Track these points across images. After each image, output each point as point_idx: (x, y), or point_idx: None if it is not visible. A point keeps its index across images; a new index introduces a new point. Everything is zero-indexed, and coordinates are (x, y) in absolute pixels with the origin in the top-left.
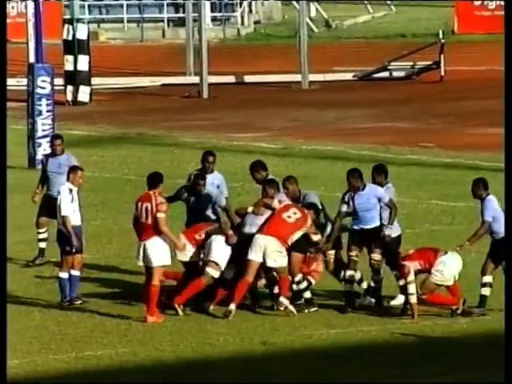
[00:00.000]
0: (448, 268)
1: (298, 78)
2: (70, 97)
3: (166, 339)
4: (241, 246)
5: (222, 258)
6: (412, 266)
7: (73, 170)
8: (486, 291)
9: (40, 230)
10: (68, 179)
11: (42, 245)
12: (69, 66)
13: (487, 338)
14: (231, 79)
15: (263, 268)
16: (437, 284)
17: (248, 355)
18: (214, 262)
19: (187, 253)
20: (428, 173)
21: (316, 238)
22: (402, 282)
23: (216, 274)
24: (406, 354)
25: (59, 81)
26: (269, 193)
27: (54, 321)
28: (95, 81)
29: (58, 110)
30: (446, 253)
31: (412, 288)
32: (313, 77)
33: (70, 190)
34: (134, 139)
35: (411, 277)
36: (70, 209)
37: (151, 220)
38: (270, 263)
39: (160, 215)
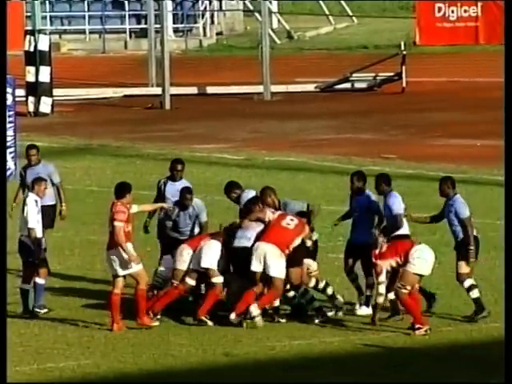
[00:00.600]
0: (425, 257)
1: (260, 89)
2: (31, 108)
3: (128, 351)
4: (234, 260)
5: (214, 263)
6: (385, 265)
7: (36, 181)
8: (474, 294)
9: None
10: (32, 190)
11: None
12: (30, 77)
13: (450, 349)
14: (193, 90)
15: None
16: (416, 274)
17: (211, 367)
18: (195, 270)
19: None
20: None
21: (310, 243)
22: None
23: (193, 282)
24: (368, 364)
25: (21, 92)
26: (258, 207)
27: (15, 333)
28: (57, 92)
29: (20, 121)
30: (420, 243)
31: (381, 288)
32: (275, 88)
33: (36, 202)
34: (96, 150)
35: (382, 277)
36: (36, 220)
37: (111, 229)
38: (270, 272)
39: (116, 224)
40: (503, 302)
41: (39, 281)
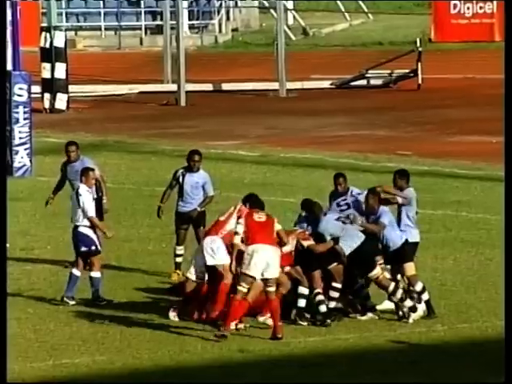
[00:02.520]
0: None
1: (275, 85)
2: (47, 104)
3: (143, 347)
4: None
5: None
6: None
7: (84, 172)
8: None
9: None
10: (81, 181)
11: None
12: (46, 74)
13: (465, 347)
14: (209, 87)
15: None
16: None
17: (226, 363)
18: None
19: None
20: None
21: (306, 243)
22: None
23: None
24: (383, 361)
25: (36, 88)
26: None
27: (30, 329)
28: (72, 88)
29: (36, 118)
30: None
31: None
32: (290, 85)
33: (88, 191)
34: (111, 147)
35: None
36: (93, 209)
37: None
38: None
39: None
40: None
41: (95, 274)
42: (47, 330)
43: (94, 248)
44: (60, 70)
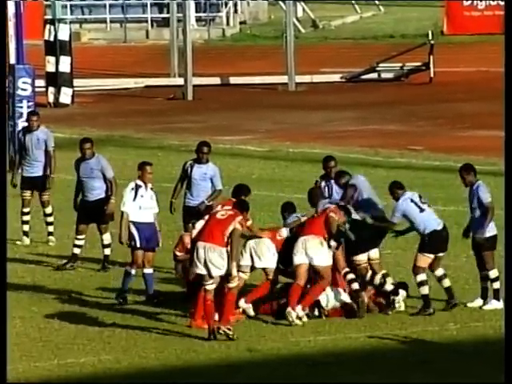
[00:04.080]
0: None
1: (284, 79)
2: (51, 99)
3: (149, 346)
4: None
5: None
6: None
7: (140, 166)
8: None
9: (78, 237)
10: (138, 176)
11: (76, 251)
12: (50, 68)
13: (478, 346)
14: (216, 81)
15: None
16: None
17: (234, 362)
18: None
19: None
20: (417, 176)
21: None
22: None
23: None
24: (394, 360)
25: (40, 82)
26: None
27: (35, 328)
28: (77, 82)
29: (40, 112)
30: None
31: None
32: (300, 78)
33: (137, 187)
34: (117, 142)
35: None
36: (131, 205)
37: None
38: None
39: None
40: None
41: (146, 271)
42: (52, 328)
43: (133, 243)
44: (64, 64)
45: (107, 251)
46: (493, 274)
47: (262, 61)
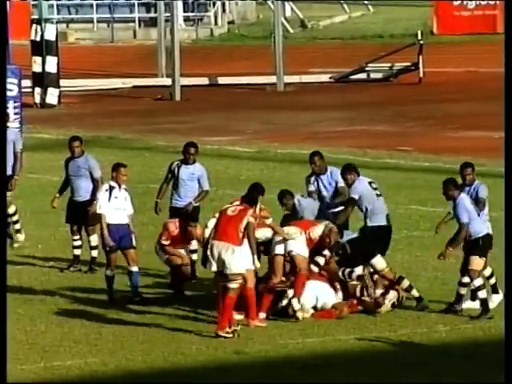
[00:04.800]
0: None
1: (273, 79)
2: (38, 99)
3: (136, 348)
4: None
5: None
6: None
7: (115, 167)
8: (463, 290)
9: (74, 238)
10: (111, 177)
11: (77, 252)
12: (37, 68)
13: (468, 347)
14: (204, 81)
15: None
16: None
17: (221, 365)
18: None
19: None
20: (406, 177)
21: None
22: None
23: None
24: (383, 363)
25: (27, 83)
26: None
27: (21, 330)
28: (64, 83)
29: (26, 113)
30: None
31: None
32: (288, 78)
33: (111, 188)
34: (104, 143)
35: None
36: (106, 206)
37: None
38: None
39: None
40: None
41: (132, 269)
42: (38, 331)
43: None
44: (51, 64)
45: (94, 253)
46: (487, 271)
47: (251, 61)
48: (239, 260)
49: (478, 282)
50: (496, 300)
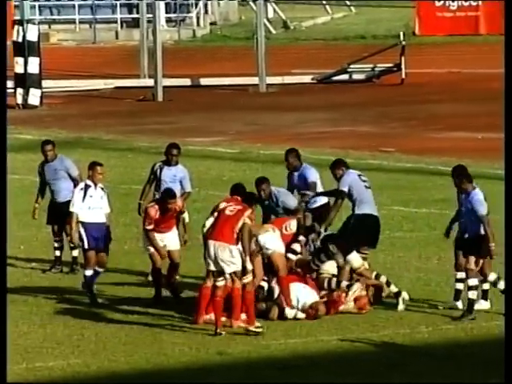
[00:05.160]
0: None
1: (255, 80)
2: (20, 100)
3: (119, 349)
4: None
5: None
6: None
7: (91, 166)
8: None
9: (55, 239)
10: (88, 176)
11: (58, 253)
12: (19, 69)
13: (450, 348)
14: (187, 82)
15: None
16: None
17: (204, 366)
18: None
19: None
20: (389, 178)
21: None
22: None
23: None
24: (366, 364)
25: (9, 83)
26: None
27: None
28: (46, 83)
29: (8, 114)
30: None
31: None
32: (270, 79)
33: (86, 187)
34: (86, 144)
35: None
36: (80, 205)
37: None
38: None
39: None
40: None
41: (97, 269)
42: (20, 332)
43: (80, 244)
44: (33, 65)
45: (75, 253)
46: (491, 277)
47: (233, 62)
48: (237, 258)
49: (473, 281)
50: (483, 306)
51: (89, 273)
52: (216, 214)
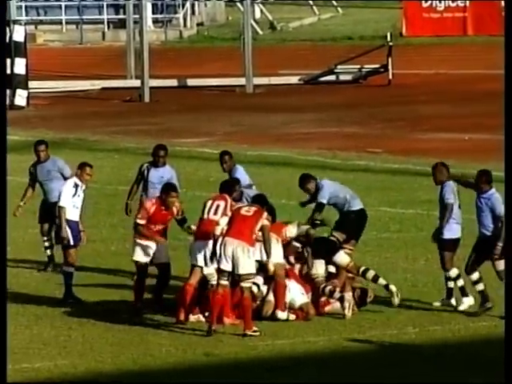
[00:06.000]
0: None
1: (242, 81)
2: (6, 101)
3: (106, 350)
4: None
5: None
6: None
7: (81, 166)
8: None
9: (44, 238)
10: (76, 174)
11: (49, 252)
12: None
13: (437, 348)
14: (173, 83)
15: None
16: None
17: (191, 367)
18: None
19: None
20: (376, 179)
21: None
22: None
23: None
24: (353, 365)
25: None
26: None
27: None
28: (33, 84)
29: None
30: None
31: None
32: (257, 80)
33: (76, 185)
34: (73, 144)
35: None
36: (69, 201)
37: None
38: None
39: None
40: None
41: (65, 268)
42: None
43: (65, 242)
44: (19, 66)
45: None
46: (453, 273)
47: (220, 62)
48: (252, 260)
49: (475, 276)
50: (468, 302)
51: (71, 270)
52: (230, 213)
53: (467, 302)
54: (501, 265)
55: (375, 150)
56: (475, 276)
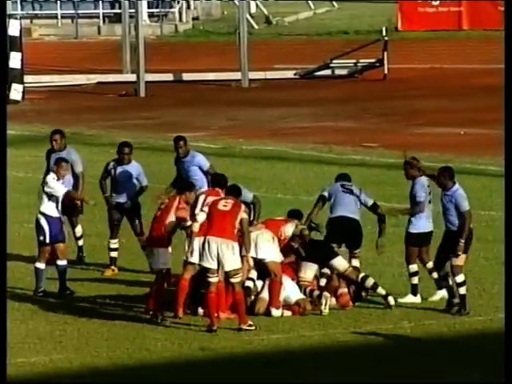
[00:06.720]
0: None
1: (237, 75)
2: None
3: (101, 345)
4: None
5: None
6: None
7: (56, 161)
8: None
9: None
10: (52, 170)
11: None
12: None
13: (433, 343)
14: (169, 77)
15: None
16: None
17: (186, 361)
18: None
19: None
20: (372, 173)
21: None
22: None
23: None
24: (348, 359)
25: None
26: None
27: None
28: (28, 79)
29: None
30: None
31: None
32: (253, 75)
33: (55, 179)
34: (68, 139)
35: None
36: (59, 187)
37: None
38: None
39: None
40: (487, 295)
41: (60, 262)
42: None
43: (42, 238)
44: (15, 60)
45: (80, 242)
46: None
47: (215, 57)
48: (237, 256)
49: (460, 278)
50: (439, 296)
51: (44, 265)
52: (206, 208)
53: (439, 295)
54: (458, 261)
55: (371, 144)
56: (443, 272)
